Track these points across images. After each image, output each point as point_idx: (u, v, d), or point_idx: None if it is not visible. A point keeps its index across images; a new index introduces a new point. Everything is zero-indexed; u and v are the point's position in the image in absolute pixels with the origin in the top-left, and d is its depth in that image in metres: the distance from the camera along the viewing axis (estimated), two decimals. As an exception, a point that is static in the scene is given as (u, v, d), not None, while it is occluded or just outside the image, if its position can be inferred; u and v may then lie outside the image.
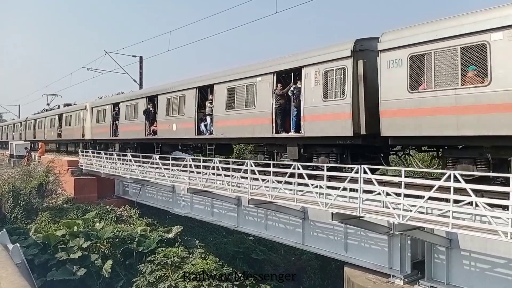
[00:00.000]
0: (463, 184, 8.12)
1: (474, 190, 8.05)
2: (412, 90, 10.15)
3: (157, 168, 18.10)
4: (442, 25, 9.67)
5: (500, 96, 8.62)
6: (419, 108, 10.04)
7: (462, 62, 9.23)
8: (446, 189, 8.54)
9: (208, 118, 17.45)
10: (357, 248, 12.31)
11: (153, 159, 18.26)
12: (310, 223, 13.63)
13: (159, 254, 19.63)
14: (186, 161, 15.83)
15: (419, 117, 10.05)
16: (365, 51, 11.69)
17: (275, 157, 15.12)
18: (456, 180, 8.23)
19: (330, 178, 11.09)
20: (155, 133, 21.19)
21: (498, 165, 9.44)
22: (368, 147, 12.20)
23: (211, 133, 17.25)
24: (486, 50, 8.81)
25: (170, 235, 21.46)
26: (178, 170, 16.58)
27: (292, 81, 14.02)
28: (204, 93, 18.27)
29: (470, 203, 8.18)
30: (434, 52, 9.72)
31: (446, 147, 10.66)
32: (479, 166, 9.70)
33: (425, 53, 9.91)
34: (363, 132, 11.46)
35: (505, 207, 7.90)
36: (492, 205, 7.94)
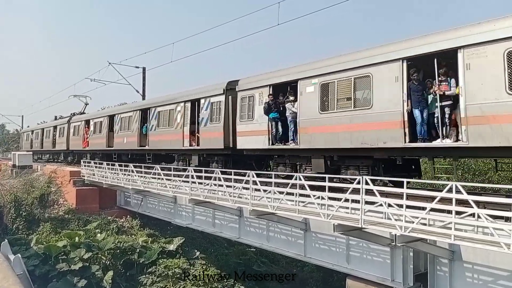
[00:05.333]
0: (465, 196, 8.11)
1: (476, 202, 8.04)
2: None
3: (159, 178, 18.11)
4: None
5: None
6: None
7: None
8: (448, 200, 8.54)
9: None
10: (359, 260, 12.24)
11: (155, 169, 18.28)
12: (312, 234, 13.58)
13: (160, 265, 19.62)
14: (188, 171, 15.86)
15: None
16: None
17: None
18: (458, 191, 8.23)
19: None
20: None
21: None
22: None
23: None
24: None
25: (172, 247, 21.42)
26: (180, 180, 16.59)
27: None
28: None
29: (473, 215, 8.17)
30: None
31: None
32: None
33: None
34: None
35: (508, 219, 7.89)
36: (494, 217, 7.92)
